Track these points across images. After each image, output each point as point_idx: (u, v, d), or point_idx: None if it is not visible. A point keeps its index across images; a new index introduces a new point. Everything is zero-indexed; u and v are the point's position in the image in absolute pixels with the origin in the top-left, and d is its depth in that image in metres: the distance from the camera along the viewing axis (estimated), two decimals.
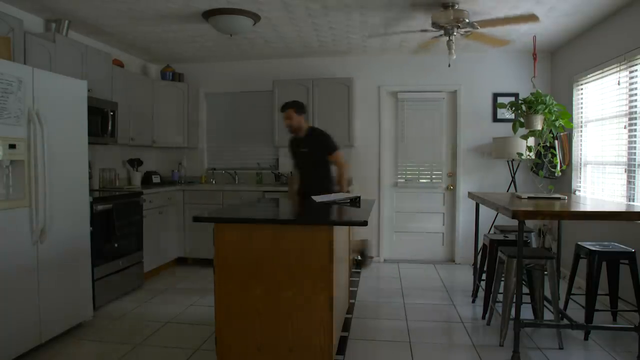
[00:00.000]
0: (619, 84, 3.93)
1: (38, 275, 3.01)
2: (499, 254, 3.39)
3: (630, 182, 3.79)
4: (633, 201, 3.73)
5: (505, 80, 5.54)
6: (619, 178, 3.99)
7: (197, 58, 5.83)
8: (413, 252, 5.83)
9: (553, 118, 3.46)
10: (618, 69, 3.95)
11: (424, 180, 5.82)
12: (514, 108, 3.61)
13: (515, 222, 2.97)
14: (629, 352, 3.03)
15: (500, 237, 3.90)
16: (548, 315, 3.41)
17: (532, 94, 3.48)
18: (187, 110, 5.82)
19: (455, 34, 3.96)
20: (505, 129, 5.31)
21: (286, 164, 5.89)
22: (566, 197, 3.45)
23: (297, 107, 4.06)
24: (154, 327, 3.51)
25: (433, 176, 5.78)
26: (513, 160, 5.28)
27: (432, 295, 4.37)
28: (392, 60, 5.71)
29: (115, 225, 4.10)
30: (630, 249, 3.23)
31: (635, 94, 3.76)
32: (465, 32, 4.02)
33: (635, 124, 3.73)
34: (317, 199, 3.66)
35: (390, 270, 5.39)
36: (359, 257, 4.81)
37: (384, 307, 4.06)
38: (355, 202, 3.51)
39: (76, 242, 3.40)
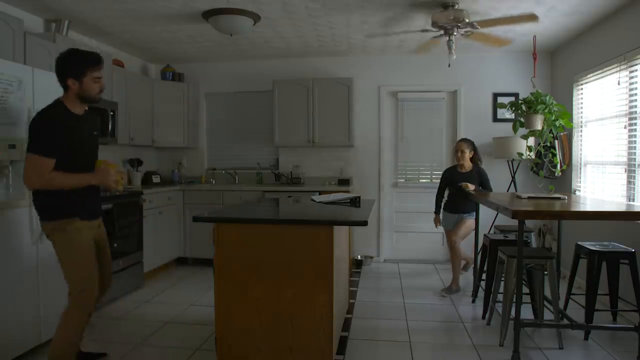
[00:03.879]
0: (619, 83, 3.93)
1: (38, 275, 3.01)
2: (499, 254, 3.39)
3: (630, 182, 3.79)
4: (633, 201, 3.73)
5: (505, 80, 5.54)
6: (619, 178, 3.99)
7: (197, 58, 5.83)
8: (413, 252, 5.82)
9: (553, 118, 3.46)
10: (618, 68, 3.95)
11: (424, 180, 5.82)
12: (514, 108, 3.62)
13: (515, 222, 2.97)
14: (629, 352, 3.02)
15: (500, 237, 3.90)
16: (548, 315, 3.41)
17: (532, 94, 3.48)
18: (187, 110, 5.82)
19: (455, 34, 3.96)
20: (505, 129, 5.31)
21: (287, 164, 5.90)
22: (566, 197, 3.45)
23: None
24: (154, 327, 3.51)
25: (433, 176, 5.77)
26: (513, 160, 5.28)
27: (432, 295, 4.36)
28: (392, 60, 5.71)
29: (115, 225, 4.10)
30: (630, 249, 3.22)
31: (635, 94, 3.76)
32: (465, 32, 4.02)
33: (635, 124, 3.73)
34: (317, 198, 3.66)
35: (390, 270, 5.39)
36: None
37: (384, 307, 4.05)
38: (355, 202, 3.51)
39: None
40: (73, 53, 2.55)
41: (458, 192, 4.40)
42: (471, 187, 4.29)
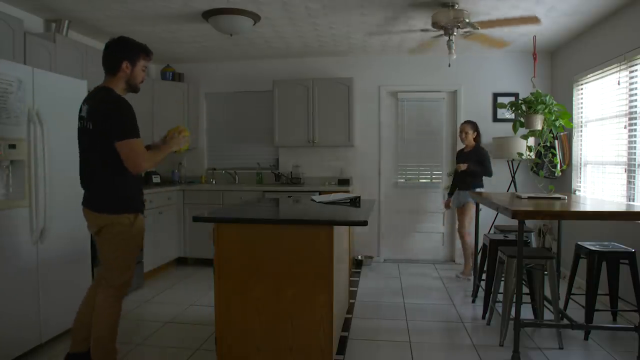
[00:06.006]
0: (619, 83, 3.93)
1: (38, 275, 3.01)
2: (499, 254, 3.39)
3: (630, 182, 3.79)
4: (633, 201, 3.73)
5: (505, 80, 5.54)
6: (619, 178, 3.99)
7: (197, 58, 5.83)
8: (413, 252, 5.82)
9: (553, 118, 3.46)
10: (618, 68, 3.95)
11: (424, 180, 5.82)
12: (514, 108, 3.62)
13: (515, 222, 2.97)
14: (629, 352, 3.02)
15: (500, 237, 3.90)
16: (548, 315, 3.41)
17: (532, 94, 3.49)
18: (187, 110, 5.83)
19: (455, 34, 3.96)
20: (505, 129, 5.31)
21: (286, 164, 5.90)
22: (566, 197, 3.45)
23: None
24: (154, 327, 3.51)
25: (433, 176, 5.78)
26: (513, 160, 5.28)
27: (432, 295, 4.37)
28: (392, 60, 5.71)
29: None
30: (630, 249, 3.23)
31: (635, 94, 3.76)
32: (465, 32, 4.02)
33: (635, 124, 3.73)
34: (317, 198, 3.66)
35: (390, 270, 5.39)
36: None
37: (384, 307, 4.05)
38: (355, 202, 3.51)
39: (76, 242, 3.40)
40: (128, 39, 2.61)
41: (459, 172, 4.83)
42: (463, 166, 4.66)
